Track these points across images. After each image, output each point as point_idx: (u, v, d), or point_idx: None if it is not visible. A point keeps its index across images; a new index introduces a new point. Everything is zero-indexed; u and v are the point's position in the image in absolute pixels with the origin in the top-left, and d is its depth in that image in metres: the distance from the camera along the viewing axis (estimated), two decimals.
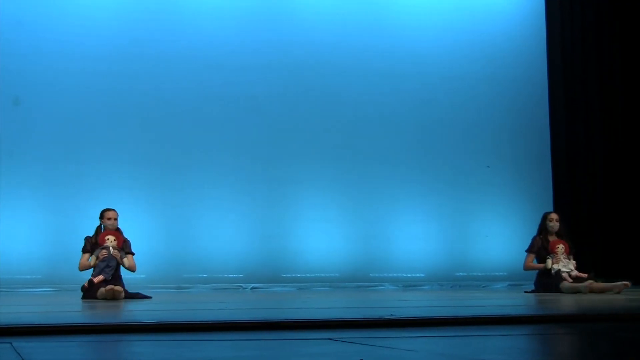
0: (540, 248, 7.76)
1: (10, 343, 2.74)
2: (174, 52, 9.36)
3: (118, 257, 6.63)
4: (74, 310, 5.09)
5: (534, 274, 7.97)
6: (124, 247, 6.80)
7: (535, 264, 7.80)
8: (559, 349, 2.82)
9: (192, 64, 9.39)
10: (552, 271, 7.60)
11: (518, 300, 6.07)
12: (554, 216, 7.91)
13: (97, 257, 6.60)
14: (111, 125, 9.10)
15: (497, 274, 9.78)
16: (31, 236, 8.65)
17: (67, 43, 9.05)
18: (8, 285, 7.63)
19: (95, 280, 6.45)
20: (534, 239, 7.87)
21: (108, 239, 6.67)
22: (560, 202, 10.17)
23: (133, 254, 6.83)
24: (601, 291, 7.34)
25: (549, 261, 7.63)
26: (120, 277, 6.73)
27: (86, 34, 9.11)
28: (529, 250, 7.83)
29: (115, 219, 6.82)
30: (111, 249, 6.61)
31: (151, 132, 9.23)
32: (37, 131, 8.90)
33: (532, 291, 7.74)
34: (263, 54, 9.58)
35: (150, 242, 8.49)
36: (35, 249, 8.61)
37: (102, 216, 6.86)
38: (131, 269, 6.80)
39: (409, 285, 9.55)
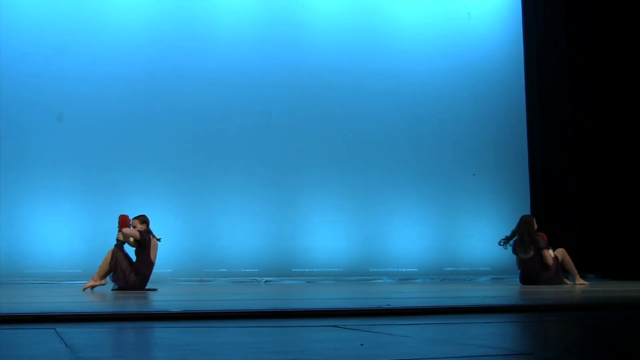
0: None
1: (54, 329, 2.75)
2: (198, 75, 9.37)
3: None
4: (109, 300, 5.10)
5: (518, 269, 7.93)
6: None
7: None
8: (534, 334, 2.81)
9: (213, 85, 9.41)
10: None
11: (500, 292, 6.05)
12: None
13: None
14: (142, 138, 9.12)
15: (481, 268, 9.75)
16: (73, 235, 8.66)
17: (104, 67, 9.07)
18: (53, 278, 7.64)
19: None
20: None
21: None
22: (536, 205, 10.15)
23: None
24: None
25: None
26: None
27: (120, 59, 9.14)
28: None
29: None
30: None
31: (177, 143, 9.24)
32: (78, 144, 8.91)
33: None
34: (276, 75, 9.60)
35: (176, 240, 8.49)
36: (76, 247, 8.61)
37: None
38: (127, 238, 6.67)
39: (404, 279, 9.52)
